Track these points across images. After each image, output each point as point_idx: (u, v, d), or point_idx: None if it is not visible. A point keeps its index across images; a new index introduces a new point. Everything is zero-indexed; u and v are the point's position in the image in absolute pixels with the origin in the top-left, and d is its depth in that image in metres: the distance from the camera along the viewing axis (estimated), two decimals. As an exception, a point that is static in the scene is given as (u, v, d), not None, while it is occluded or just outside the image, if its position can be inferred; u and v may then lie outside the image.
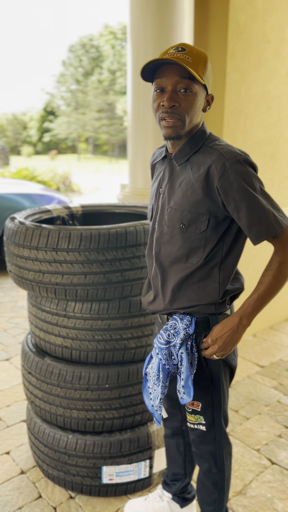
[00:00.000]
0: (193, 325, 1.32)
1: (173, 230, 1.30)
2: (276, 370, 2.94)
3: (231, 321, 1.30)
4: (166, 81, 1.22)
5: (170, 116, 1.23)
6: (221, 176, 1.20)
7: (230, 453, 1.52)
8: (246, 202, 1.19)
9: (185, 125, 1.24)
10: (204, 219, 1.25)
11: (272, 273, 1.25)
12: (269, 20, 3.03)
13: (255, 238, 1.22)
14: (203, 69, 1.23)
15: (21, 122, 52.42)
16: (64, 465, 1.84)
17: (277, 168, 3.39)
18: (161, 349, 1.34)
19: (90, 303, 1.73)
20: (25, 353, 1.95)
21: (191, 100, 1.22)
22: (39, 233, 1.66)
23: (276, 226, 1.20)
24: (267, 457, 2.13)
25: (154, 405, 1.38)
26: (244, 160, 1.20)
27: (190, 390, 1.30)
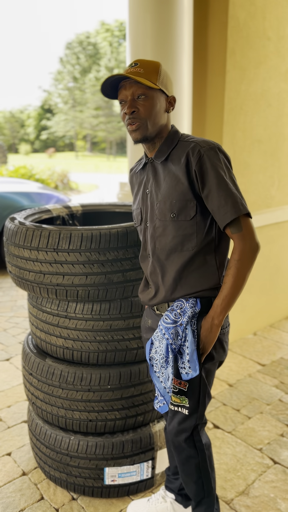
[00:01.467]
0: (199, 304, 1.39)
1: (165, 222, 1.38)
2: (277, 369, 2.93)
3: (206, 322, 1.37)
4: (125, 93, 1.36)
5: (132, 121, 1.36)
6: (198, 161, 1.31)
7: (205, 433, 1.54)
8: (217, 185, 1.30)
9: (148, 127, 1.36)
10: (192, 205, 1.34)
11: (231, 272, 1.32)
12: (269, 17, 3.01)
13: (223, 219, 1.31)
14: (156, 75, 1.36)
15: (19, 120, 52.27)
16: (66, 467, 1.83)
17: (277, 166, 3.38)
18: (168, 328, 1.38)
19: (91, 304, 1.71)
20: (26, 354, 1.94)
21: (149, 104, 1.35)
22: (39, 234, 1.64)
23: (241, 208, 1.29)
24: (270, 457, 2.12)
25: (166, 386, 1.41)
26: (217, 148, 1.34)
27: (195, 364, 1.35)
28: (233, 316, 3.26)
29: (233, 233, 1.32)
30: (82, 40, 44.35)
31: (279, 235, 3.54)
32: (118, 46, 41.74)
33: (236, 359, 3.07)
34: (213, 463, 1.57)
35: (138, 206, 1.50)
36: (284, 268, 3.69)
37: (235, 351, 3.18)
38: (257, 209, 3.28)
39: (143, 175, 1.50)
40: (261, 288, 3.49)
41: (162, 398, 1.42)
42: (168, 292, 1.43)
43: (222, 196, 1.30)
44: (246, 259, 1.31)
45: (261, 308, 3.52)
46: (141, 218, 1.48)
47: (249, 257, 1.31)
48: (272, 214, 3.37)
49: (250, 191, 3.18)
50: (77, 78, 44.29)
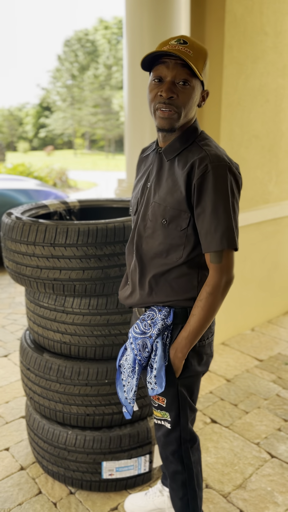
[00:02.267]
0: (172, 316, 1.32)
1: (155, 225, 1.30)
2: (274, 364, 2.94)
3: (171, 352, 1.31)
4: (166, 72, 1.21)
5: (167, 107, 1.22)
6: (201, 175, 1.20)
7: (198, 449, 1.49)
8: (212, 209, 1.20)
9: (180, 118, 1.24)
10: (186, 216, 1.25)
11: (201, 304, 1.26)
12: (266, 12, 3.01)
13: (207, 246, 1.23)
14: (203, 64, 1.23)
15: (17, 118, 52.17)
16: (64, 461, 1.84)
17: (275, 162, 3.38)
18: (136, 338, 1.34)
19: (88, 298, 1.72)
20: (23, 349, 1.94)
21: (189, 93, 1.22)
22: (36, 229, 1.64)
23: (229, 243, 1.21)
24: (267, 451, 2.13)
25: (128, 397, 1.38)
26: (228, 168, 1.21)
27: (162, 380, 1.30)
28: (231, 312, 3.27)
29: (211, 262, 1.24)
30: (80, 37, 44.23)
31: (277, 231, 3.54)
32: (116, 43, 41.65)
33: (233, 355, 3.07)
34: (201, 481, 1.51)
35: (136, 195, 1.41)
36: (281, 264, 3.70)
37: (232, 347, 3.19)
38: (254, 205, 3.29)
39: (149, 164, 1.39)
40: (258, 284, 3.49)
41: (124, 406, 1.38)
42: (142, 296, 1.36)
43: (213, 223, 1.21)
44: (218, 293, 1.25)
45: (258, 304, 3.53)
46: (136, 209, 1.40)
47: (222, 291, 1.25)
48: (269, 210, 3.38)
49: (247, 187, 3.18)
50: (76, 76, 44.20)
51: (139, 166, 1.48)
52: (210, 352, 1.42)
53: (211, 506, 1.80)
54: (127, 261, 1.46)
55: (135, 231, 1.38)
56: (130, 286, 1.42)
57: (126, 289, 1.45)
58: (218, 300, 1.25)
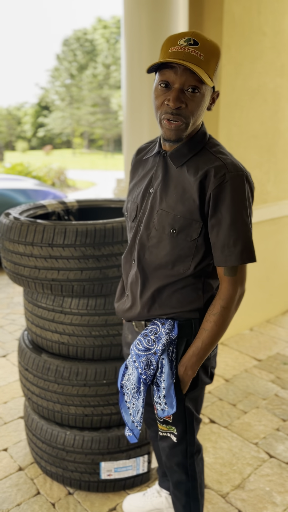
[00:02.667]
0: (176, 329, 1.26)
1: (162, 234, 1.22)
2: (273, 364, 2.94)
3: (179, 369, 1.25)
4: (174, 77, 1.11)
5: (174, 118, 1.13)
6: (219, 185, 1.14)
7: (202, 458, 1.47)
8: (231, 222, 1.14)
9: (188, 128, 1.16)
10: (197, 226, 1.18)
11: (214, 319, 1.20)
12: (264, 12, 3.01)
13: (223, 260, 1.17)
14: (215, 67, 1.13)
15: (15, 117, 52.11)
16: (62, 461, 1.84)
17: (273, 162, 3.38)
18: (139, 356, 1.25)
19: (86, 299, 1.72)
20: (21, 350, 1.94)
21: (199, 101, 1.13)
22: (34, 229, 1.64)
23: (249, 257, 1.17)
24: (265, 451, 2.13)
25: (135, 421, 1.28)
26: (245, 177, 1.17)
27: (172, 400, 1.23)
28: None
29: (225, 275, 1.19)
30: (79, 36, 44.19)
31: (275, 231, 3.54)
32: (115, 43, 41.62)
33: (232, 355, 3.07)
34: (204, 489, 1.49)
35: (135, 200, 1.31)
36: (280, 264, 3.70)
37: (231, 347, 3.19)
38: (253, 205, 3.28)
39: (151, 168, 1.29)
40: (257, 284, 3.49)
41: (130, 430, 1.30)
42: (144, 309, 1.28)
43: (232, 236, 1.14)
44: (233, 306, 1.20)
45: (257, 303, 3.53)
46: (135, 216, 1.30)
47: (236, 304, 1.21)
48: (268, 209, 3.38)
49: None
50: (74, 75, 44.15)
51: (135, 169, 1.38)
52: (214, 364, 1.38)
53: (209, 506, 1.80)
54: (124, 271, 1.37)
55: (136, 240, 1.29)
56: (129, 298, 1.33)
57: (125, 302, 1.36)
58: (232, 313, 1.21)
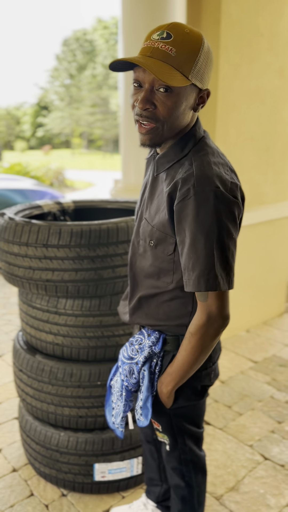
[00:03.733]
0: (161, 343, 1.20)
1: (145, 244, 1.17)
2: (269, 366, 2.94)
3: (158, 385, 1.21)
4: (143, 76, 1.02)
5: (143, 120, 1.04)
6: (181, 200, 1.02)
7: (202, 468, 1.41)
8: (191, 243, 1.01)
9: (163, 132, 1.05)
10: (172, 241, 1.09)
11: (184, 343, 1.11)
12: (262, 13, 3.01)
13: (185, 284, 1.06)
14: (192, 63, 0.99)
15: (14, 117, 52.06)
16: (56, 463, 1.83)
17: (271, 163, 3.38)
18: (123, 363, 1.24)
19: (81, 299, 1.71)
20: (16, 351, 1.93)
21: (172, 101, 1.01)
22: (29, 229, 1.63)
23: (207, 285, 1.01)
24: (260, 453, 2.13)
25: (116, 422, 1.27)
26: (215, 194, 0.99)
27: (148, 412, 1.19)
28: (226, 313, 3.26)
29: (198, 298, 1.07)
30: (79, 37, 44.19)
31: (272, 233, 3.54)
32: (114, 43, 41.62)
33: (228, 356, 3.07)
34: (203, 499, 1.44)
35: (138, 203, 1.27)
36: (277, 266, 3.70)
37: (227, 348, 3.19)
38: (250, 207, 3.28)
39: (149, 169, 1.24)
40: (254, 286, 3.49)
41: (112, 429, 1.28)
42: (131, 315, 1.26)
43: (191, 258, 1.02)
44: (202, 334, 1.07)
45: (254, 305, 3.53)
46: (136, 218, 1.28)
47: (207, 333, 1.06)
48: (265, 211, 3.37)
49: (243, 188, 3.18)
50: (74, 75, 44.15)
51: (146, 168, 1.30)
52: (209, 381, 1.27)
53: (203, 509, 1.80)
54: (128, 273, 1.35)
55: (131, 244, 1.26)
56: (127, 302, 1.34)
57: (126, 305, 1.35)
58: (203, 342, 1.08)
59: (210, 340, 1.08)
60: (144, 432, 1.57)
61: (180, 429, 1.31)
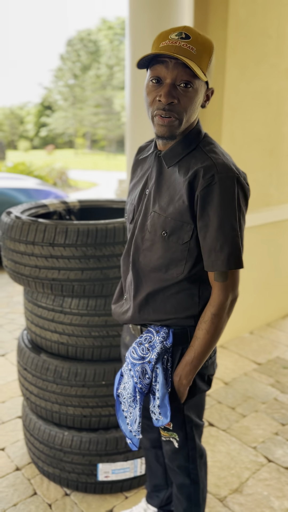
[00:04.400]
0: (171, 337, 1.23)
1: (154, 237, 1.19)
2: (273, 368, 2.93)
3: (174, 379, 1.23)
4: (165, 72, 1.08)
5: (166, 114, 1.10)
6: (206, 186, 1.09)
7: (205, 463, 1.44)
8: (218, 225, 1.10)
9: (181, 124, 1.13)
10: (189, 228, 1.14)
11: (205, 326, 1.17)
12: (270, 15, 3.00)
13: (210, 265, 1.13)
14: (207, 61, 1.10)
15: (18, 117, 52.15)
16: (59, 462, 1.83)
17: (276, 164, 3.38)
18: (134, 364, 1.23)
19: (87, 299, 1.71)
20: (20, 349, 1.93)
21: (192, 96, 1.10)
22: (35, 228, 1.63)
23: (236, 263, 1.12)
24: (264, 455, 2.12)
25: (133, 430, 1.26)
26: (236, 179, 1.10)
27: (167, 410, 1.20)
28: (230, 315, 3.26)
29: (215, 280, 1.15)
30: (83, 37, 44.25)
31: (277, 234, 3.53)
32: (119, 44, 41.68)
33: (232, 358, 3.06)
34: (206, 495, 1.47)
35: (132, 202, 1.29)
36: (281, 268, 3.69)
37: (231, 350, 3.18)
38: (255, 208, 3.28)
39: (147, 166, 1.28)
40: (258, 287, 3.49)
41: (128, 438, 1.28)
42: (137, 313, 1.26)
43: (219, 240, 1.10)
44: (224, 313, 1.16)
45: (258, 307, 3.52)
46: (132, 217, 1.29)
47: (228, 311, 1.17)
48: (270, 213, 3.37)
49: (248, 189, 3.18)
50: (78, 75, 44.20)
51: (135, 169, 1.36)
52: (213, 371, 1.33)
53: (207, 510, 1.79)
54: (122, 274, 1.35)
55: (132, 242, 1.27)
56: (127, 301, 1.32)
57: (122, 305, 1.35)
58: (224, 320, 1.17)
59: (228, 317, 1.18)
60: (149, 438, 1.56)
61: (191, 424, 1.33)
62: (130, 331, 1.38)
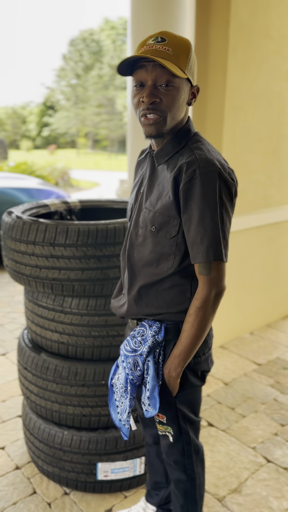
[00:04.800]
0: (163, 332, 1.26)
1: (145, 232, 1.25)
2: (273, 368, 2.94)
3: (164, 372, 1.26)
4: (145, 75, 1.15)
5: (151, 113, 1.16)
6: (188, 181, 1.14)
7: (202, 459, 1.46)
8: (199, 218, 1.14)
9: (166, 122, 1.18)
10: (175, 223, 1.18)
11: (190, 319, 1.19)
12: (271, 16, 3.01)
13: (193, 257, 1.17)
14: (186, 60, 1.15)
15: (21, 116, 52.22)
16: (59, 461, 1.83)
17: (278, 165, 3.38)
18: (127, 356, 1.27)
19: (87, 299, 1.71)
20: (21, 349, 1.94)
21: (173, 95, 1.15)
22: (36, 228, 1.64)
23: (215, 255, 1.15)
24: (263, 455, 2.12)
25: (122, 419, 1.30)
26: (218, 174, 1.13)
27: (156, 401, 1.23)
28: (230, 315, 3.26)
29: (199, 273, 1.18)
30: (85, 37, 44.27)
31: (278, 235, 3.54)
32: (121, 44, 41.69)
33: (232, 358, 3.07)
34: (203, 491, 1.49)
35: (131, 201, 1.37)
36: (282, 268, 3.69)
37: (231, 350, 3.19)
38: (256, 209, 3.28)
39: (144, 167, 1.35)
40: (258, 288, 3.49)
41: (118, 427, 1.31)
42: (131, 306, 1.30)
43: (200, 232, 1.14)
44: (208, 306, 1.18)
45: (258, 307, 3.53)
46: (130, 215, 1.35)
47: (212, 304, 1.19)
48: (271, 214, 3.37)
49: (249, 190, 3.18)
50: (80, 75, 44.23)
51: (136, 170, 1.43)
52: (207, 367, 1.36)
53: (205, 510, 1.80)
54: (121, 269, 1.40)
55: (127, 239, 1.33)
56: (125, 295, 1.37)
57: (120, 299, 1.40)
58: (208, 314, 1.19)
59: (214, 312, 1.20)
60: (151, 434, 1.57)
61: (184, 417, 1.35)
62: (129, 325, 1.43)
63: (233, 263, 3.17)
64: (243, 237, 3.19)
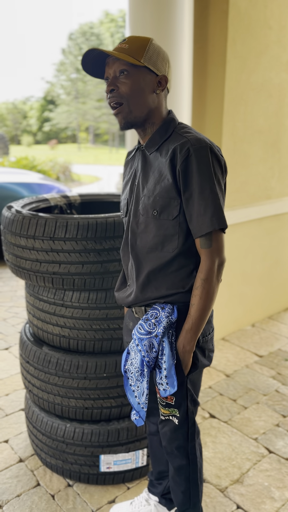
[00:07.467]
0: (176, 312, 1.31)
1: (147, 218, 1.30)
2: (274, 360, 2.94)
3: (178, 347, 1.30)
4: (108, 70, 1.27)
5: (111, 100, 1.26)
6: (184, 159, 1.21)
7: (200, 444, 1.50)
8: (199, 191, 1.21)
9: (130, 108, 1.26)
10: (176, 204, 1.25)
11: (198, 292, 1.25)
12: (271, 6, 2.98)
13: (198, 229, 1.23)
14: (142, 51, 1.25)
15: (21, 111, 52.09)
16: (62, 454, 1.85)
17: (278, 157, 3.37)
18: (141, 339, 1.30)
19: (87, 292, 1.72)
20: (23, 343, 1.95)
21: (129, 82, 1.24)
22: (35, 222, 1.64)
23: (219, 222, 1.22)
24: (265, 446, 2.14)
25: (141, 402, 1.33)
26: (209, 149, 1.22)
27: (173, 380, 1.27)
28: (231, 307, 3.27)
29: (201, 247, 1.25)
30: (85, 30, 44.02)
31: (279, 227, 3.53)
32: (121, 37, 41.41)
33: (233, 350, 3.08)
34: (203, 475, 1.52)
35: (125, 196, 1.41)
36: (283, 260, 3.69)
37: (233, 342, 3.19)
38: (256, 201, 3.28)
39: (134, 164, 1.40)
40: (260, 280, 3.49)
41: (136, 412, 1.34)
42: (141, 292, 1.34)
43: (202, 204, 1.21)
44: (213, 277, 1.24)
45: (259, 299, 3.53)
46: (126, 210, 1.39)
47: (216, 274, 1.25)
48: (271, 205, 3.36)
49: (250, 182, 3.17)
50: (80, 70, 43.98)
51: (125, 169, 1.48)
52: (212, 347, 1.42)
53: (208, 501, 1.81)
54: (124, 264, 1.44)
55: (128, 231, 1.37)
56: (130, 285, 1.40)
57: (126, 290, 1.43)
58: (214, 285, 1.25)
59: (218, 282, 1.27)
60: (155, 422, 1.59)
61: (192, 397, 1.39)
62: (133, 315, 1.44)
63: (234, 256, 3.17)
64: (244, 230, 3.19)
